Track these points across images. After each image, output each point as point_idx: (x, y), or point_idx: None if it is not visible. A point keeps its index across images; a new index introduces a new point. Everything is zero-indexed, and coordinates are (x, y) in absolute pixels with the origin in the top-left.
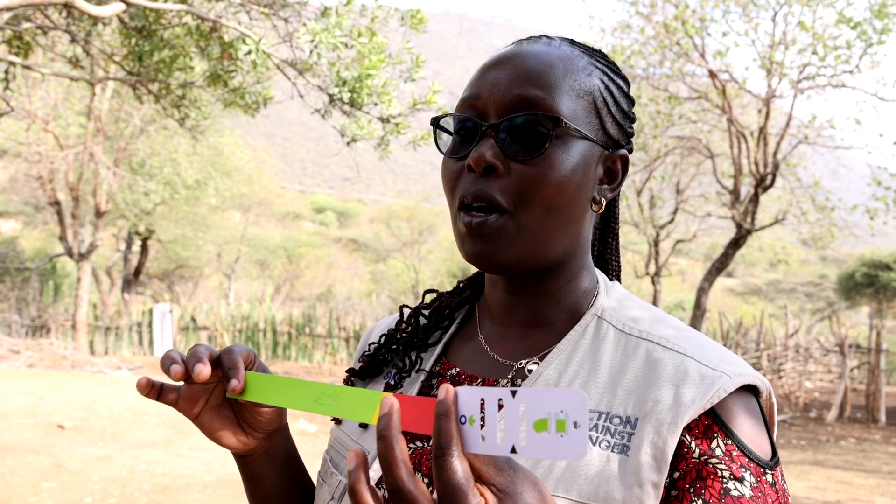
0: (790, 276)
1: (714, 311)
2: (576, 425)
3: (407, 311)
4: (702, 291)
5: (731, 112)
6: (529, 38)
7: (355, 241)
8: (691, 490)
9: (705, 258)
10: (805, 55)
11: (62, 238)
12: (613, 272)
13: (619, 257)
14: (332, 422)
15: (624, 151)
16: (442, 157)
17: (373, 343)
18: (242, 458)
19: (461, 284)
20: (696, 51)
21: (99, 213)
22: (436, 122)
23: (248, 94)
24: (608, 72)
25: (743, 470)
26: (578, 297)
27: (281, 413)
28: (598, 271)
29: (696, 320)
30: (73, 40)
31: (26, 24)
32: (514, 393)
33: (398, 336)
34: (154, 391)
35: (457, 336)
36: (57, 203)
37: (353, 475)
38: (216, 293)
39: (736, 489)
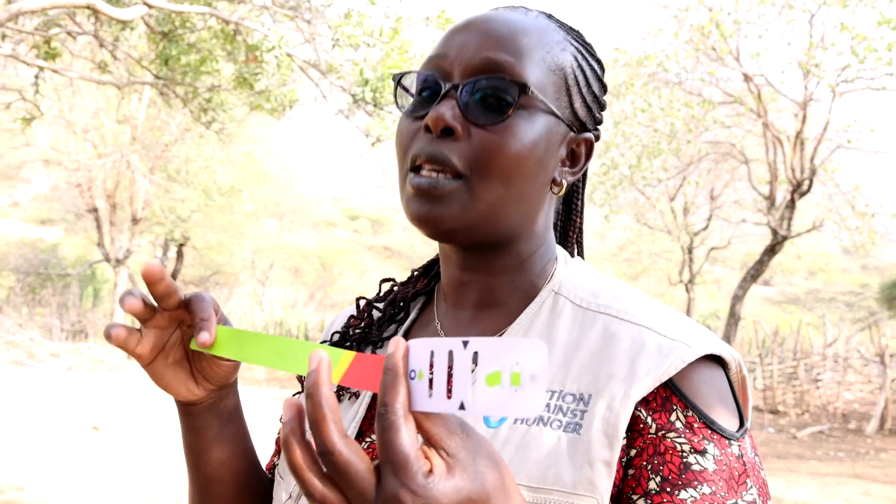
0: (830, 284)
1: (749, 320)
2: (532, 378)
3: (364, 304)
4: (736, 299)
5: (766, 116)
6: (507, 6)
7: (388, 249)
8: (649, 467)
9: (741, 266)
10: (844, 57)
11: (100, 244)
12: (572, 250)
13: (581, 236)
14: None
15: (590, 135)
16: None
17: (325, 341)
18: (186, 407)
19: (416, 273)
20: (730, 54)
21: (135, 220)
22: (398, 79)
23: (274, 97)
24: (583, 51)
25: (705, 442)
26: (534, 276)
27: (235, 367)
28: (559, 248)
29: (731, 329)
30: (101, 45)
31: (55, 30)
32: (465, 343)
33: (351, 333)
34: (111, 334)
35: (415, 325)
36: (95, 210)
37: (287, 426)
38: (250, 299)
39: (697, 463)
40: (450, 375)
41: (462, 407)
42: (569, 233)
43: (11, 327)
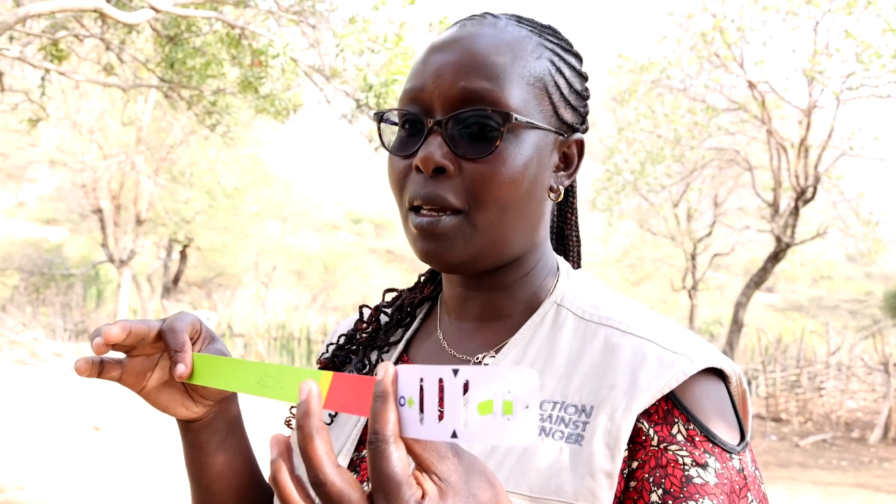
0: (833, 292)
1: (752, 327)
2: (525, 407)
3: (367, 312)
4: (739, 306)
5: (770, 123)
6: (472, 17)
7: (391, 252)
8: (651, 480)
9: (744, 273)
10: (848, 65)
11: (104, 245)
12: (573, 249)
13: (578, 232)
14: (285, 424)
15: (579, 136)
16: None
17: (331, 344)
18: (186, 424)
19: (422, 279)
20: (734, 61)
21: (139, 221)
22: (380, 117)
23: (278, 101)
24: (559, 51)
25: (707, 455)
26: (536, 287)
27: None
28: (559, 259)
29: (734, 336)
30: (108, 48)
31: (62, 32)
32: (455, 372)
33: (358, 336)
34: (94, 370)
35: (418, 333)
36: (100, 211)
37: (275, 464)
38: (253, 301)
39: (699, 476)
40: (440, 402)
41: (454, 435)
42: (567, 216)
43: (15, 326)
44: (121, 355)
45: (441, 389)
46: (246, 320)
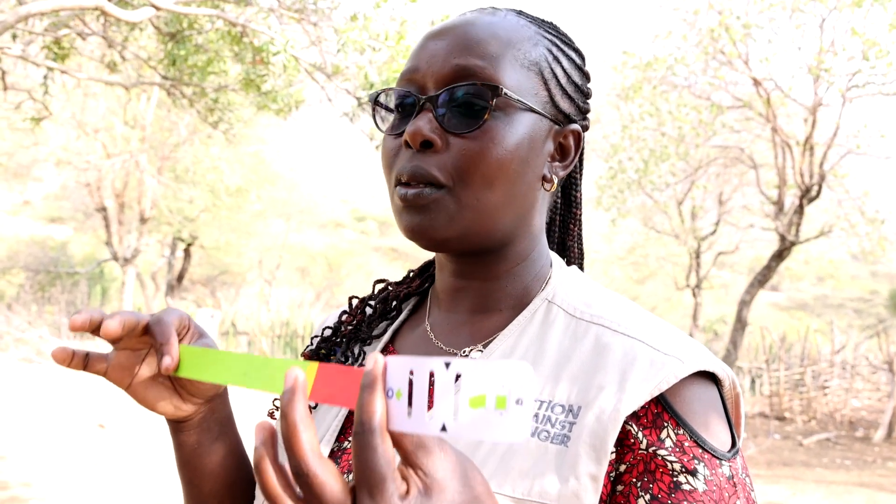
0: (838, 290)
1: (756, 326)
2: (518, 402)
3: (356, 303)
4: (743, 305)
5: (775, 121)
6: (476, 10)
7: (395, 250)
8: (638, 485)
9: (749, 271)
10: (854, 62)
11: (108, 243)
12: (575, 259)
13: (581, 244)
14: (268, 416)
15: (576, 126)
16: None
17: (315, 336)
18: (176, 424)
19: (411, 274)
20: (739, 58)
21: (143, 220)
22: (375, 99)
23: (280, 97)
24: (558, 43)
25: (696, 462)
26: (528, 281)
27: None
28: (553, 254)
29: (737, 334)
30: (110, 46)
31: (65, 31)
32: (447, 364)
33: (342, 329)
34: (78, 361)
35: (405, 325)
36: (104, 209)
37: (258, 452)
38: (257, 299)
39: (688, 483)
40: (430, 395)
41: (444, 429)
42: (569, 226)
43: (21, 325)
44: (104, 350)
45: (431, 382)
46: (250, 318)
